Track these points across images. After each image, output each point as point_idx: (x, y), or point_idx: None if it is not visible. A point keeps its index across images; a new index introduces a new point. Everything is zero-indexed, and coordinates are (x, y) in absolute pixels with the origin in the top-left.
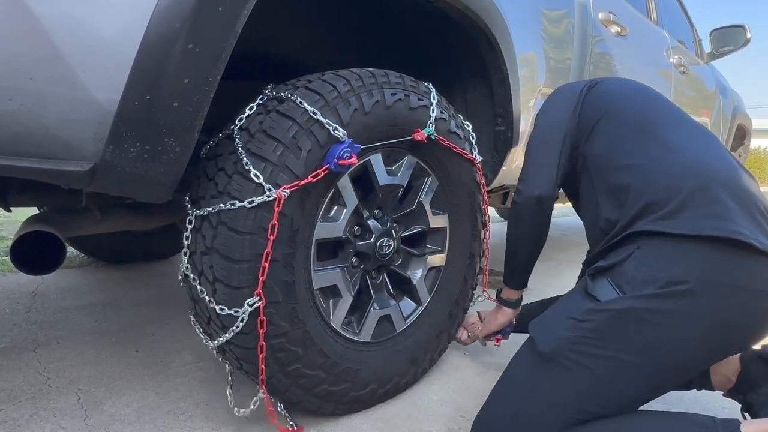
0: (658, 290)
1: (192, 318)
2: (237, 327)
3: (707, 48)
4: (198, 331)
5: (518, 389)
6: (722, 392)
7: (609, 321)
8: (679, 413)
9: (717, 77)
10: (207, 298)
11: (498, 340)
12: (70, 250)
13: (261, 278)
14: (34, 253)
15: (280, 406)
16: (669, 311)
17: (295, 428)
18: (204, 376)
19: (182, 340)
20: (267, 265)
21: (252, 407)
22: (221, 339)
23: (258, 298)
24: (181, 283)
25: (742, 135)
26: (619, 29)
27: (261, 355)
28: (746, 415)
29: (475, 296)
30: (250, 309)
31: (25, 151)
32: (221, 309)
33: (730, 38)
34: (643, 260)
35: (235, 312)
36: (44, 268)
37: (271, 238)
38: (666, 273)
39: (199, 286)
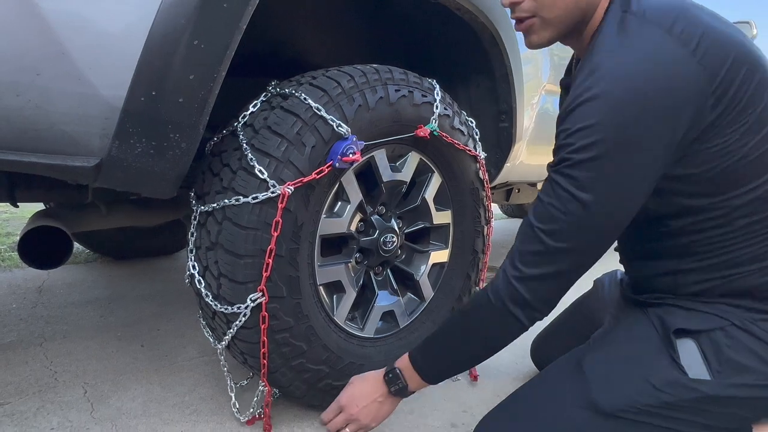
0: (757, 382)
1: (202, 321)
2: (240, 321)
3: None
4: (204, 331)
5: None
6: None
7: (694, 402)
8: None
9: None
10: (210, 294)
11: (475, 377)
12: (76, 246)
13: (265, 274)
14: (42, 247)
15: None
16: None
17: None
18: (209, 371)
19: (187, 335)
20: (270, 261)
21: (253, 408)
22: (226, 335)
23: (261, 293)
24: (187, 281)
25: None
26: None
27: (262, 350)
28: None
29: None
30: (252, 305)
31: (32, 146)
32: (225, 305)
33: None
34: (740, 341)
35: (237, 309)
36: (52, 262)
37: (275, 234)
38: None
39: (203, 281)
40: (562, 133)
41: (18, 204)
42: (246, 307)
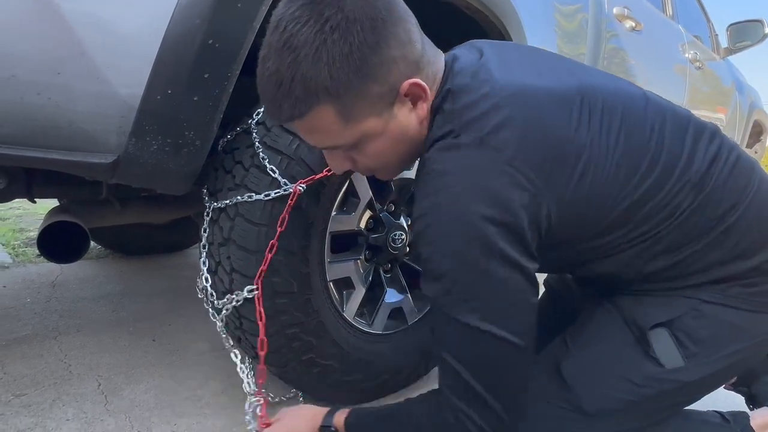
0: (729, 351)
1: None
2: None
3: (724, 43)
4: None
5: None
6: (725, 386)
7: (674, 392)
8: (685, 411)
9: (733, 73)
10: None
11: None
12: None
13: (262, 268)
14: (60, 242)
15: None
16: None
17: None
18: (220, 365)
19: (197, 330)
20: (270, 255)
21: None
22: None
23: (255, 286)
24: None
25: (758, 131)
26: (633, 24)
27: (261, 353)
28: (751, 406)
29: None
30: (250, 295)
31: (52, 143)
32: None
33: (747, 33)
34: (713, 315)
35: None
36: (69, 256)
37: (279, 230)
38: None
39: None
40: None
41: (35, 200)
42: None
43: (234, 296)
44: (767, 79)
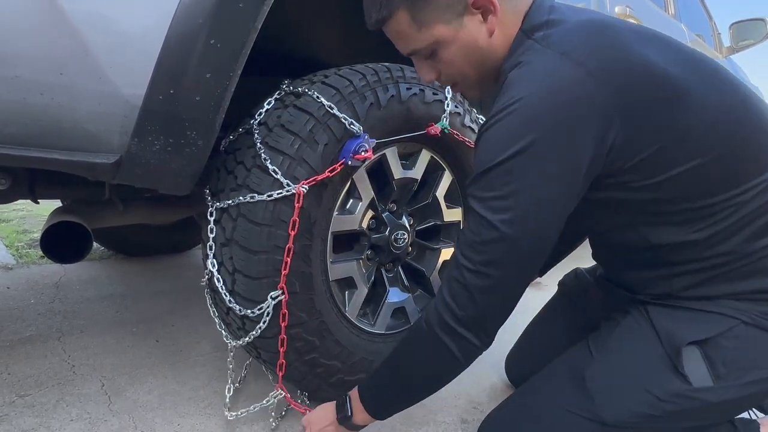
0: (760, 377)
1: (219, 325)
2: (256, 312)
3: (726, 42)
4: (221, 330)
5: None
6: None
7: (697, 411)
8: None
9: (736, 72)
10: (225, 292)
11: None
12: None
13: (284, 272)
14: (62, 243)
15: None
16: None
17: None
18: (222, 366)
19: (200, 331)
20: (289, 260)
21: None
22: (245, 336)
23: (281, 291)
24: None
25: None
26: (635, 23)
27: (281, 349)
28: (757, 413)
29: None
30: (273, 302)
31: (54, 143)
32: (240, 305)
33: (750, 32)
34: (749, 339)
35: (259, 309)
36: (73, 256)
37: (292, 233)
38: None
39: (220, 276)
40: (478, 150)
41: (39, 201)
42: (268, 306)
43: (264, 304)
44: None
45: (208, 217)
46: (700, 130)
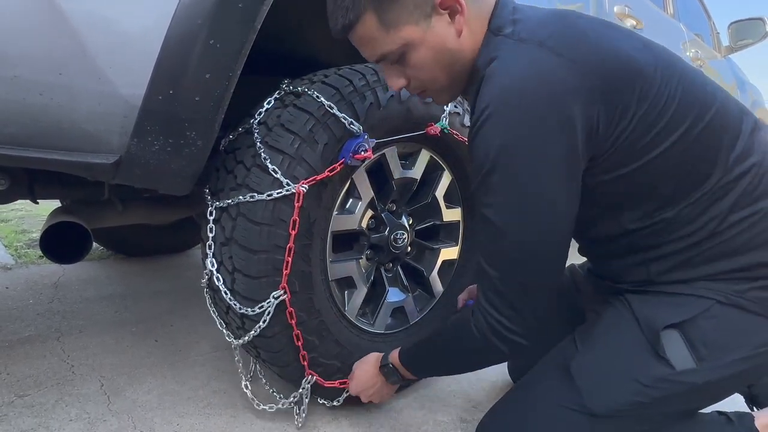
0: (742, 356)
1: (220, 324)
2: (256, 311)
3: (725, 41)
4: (221, 327)
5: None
6: None
7: (684, 395)
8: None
9: (735, 71)
10: (225, 290)
11: None
12: None
13: (285, 272)
14: (61, 243)
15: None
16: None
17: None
18: (222, 366)
19: (199, 331)
20: (290, 259)
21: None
22: (245, 335)
23: (283, 291)
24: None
25: None
26: (634, 23)
27: (298, 343)
28: (752, 406)
29: None
30: (275, 302)
31: (54, 144)
32: (241, 305)
33: (748, 31)
34: (726, 318)
35: (260, 308)
36: (72, 256)
37: (293, 233)
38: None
39: (220, 276)
40: (473, 153)
41: (38, 201)
42: (269, 305)
43: (265, 304)
44: None
45: (208, 216)
46: (672, 108)
